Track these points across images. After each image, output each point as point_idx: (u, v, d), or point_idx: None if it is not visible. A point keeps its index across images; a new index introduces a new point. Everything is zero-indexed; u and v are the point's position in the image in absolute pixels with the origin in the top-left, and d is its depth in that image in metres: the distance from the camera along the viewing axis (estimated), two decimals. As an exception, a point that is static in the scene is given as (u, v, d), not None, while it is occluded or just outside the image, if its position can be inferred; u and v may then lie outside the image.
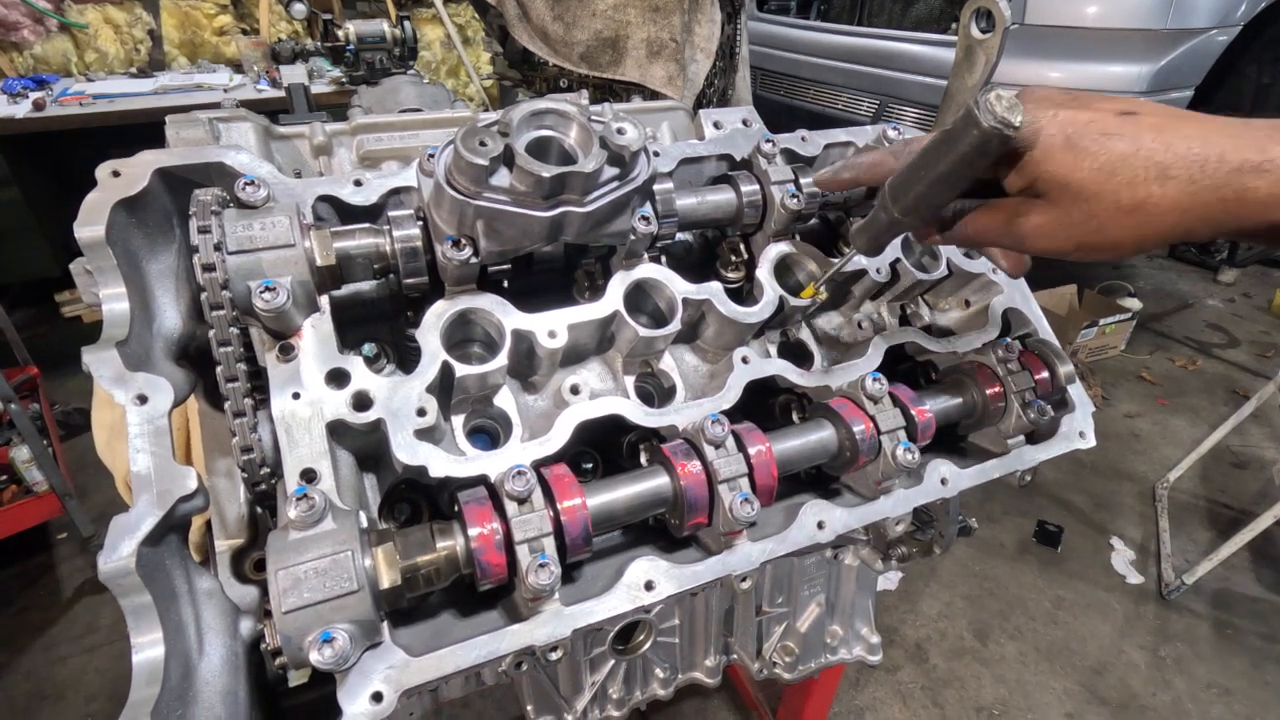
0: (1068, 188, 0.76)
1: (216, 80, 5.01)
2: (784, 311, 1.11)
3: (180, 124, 1.51)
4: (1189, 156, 0.69)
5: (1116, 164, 0.72)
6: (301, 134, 1.71)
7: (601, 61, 3.62)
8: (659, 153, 1.14)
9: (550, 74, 3.91)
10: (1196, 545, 3.81)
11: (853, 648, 1.96)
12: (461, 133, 0.82)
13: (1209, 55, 4.01)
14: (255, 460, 0.82)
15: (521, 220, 0.86)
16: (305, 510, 0.73)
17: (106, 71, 5.27)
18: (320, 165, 1.76)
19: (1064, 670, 3.23)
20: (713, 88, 3.82)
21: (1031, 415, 1.07)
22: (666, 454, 0.91)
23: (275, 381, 0.84)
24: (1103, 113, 0.75)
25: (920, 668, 3.26)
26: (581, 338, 1.03)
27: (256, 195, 0.85)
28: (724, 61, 3.77)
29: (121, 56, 5.41)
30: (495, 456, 0.88)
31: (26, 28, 5.03)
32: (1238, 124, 0.70)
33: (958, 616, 3.47)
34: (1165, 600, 3.52)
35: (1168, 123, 0.72)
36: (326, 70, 4.98)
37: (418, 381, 0.89)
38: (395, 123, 1.76)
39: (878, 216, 0.93)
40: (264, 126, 1.65)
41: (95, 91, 4.53)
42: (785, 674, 1.88)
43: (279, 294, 0.80)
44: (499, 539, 0.80)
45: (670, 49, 3.52)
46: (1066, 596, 3.57)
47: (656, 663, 1.77)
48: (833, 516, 0.98)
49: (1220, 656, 3.29)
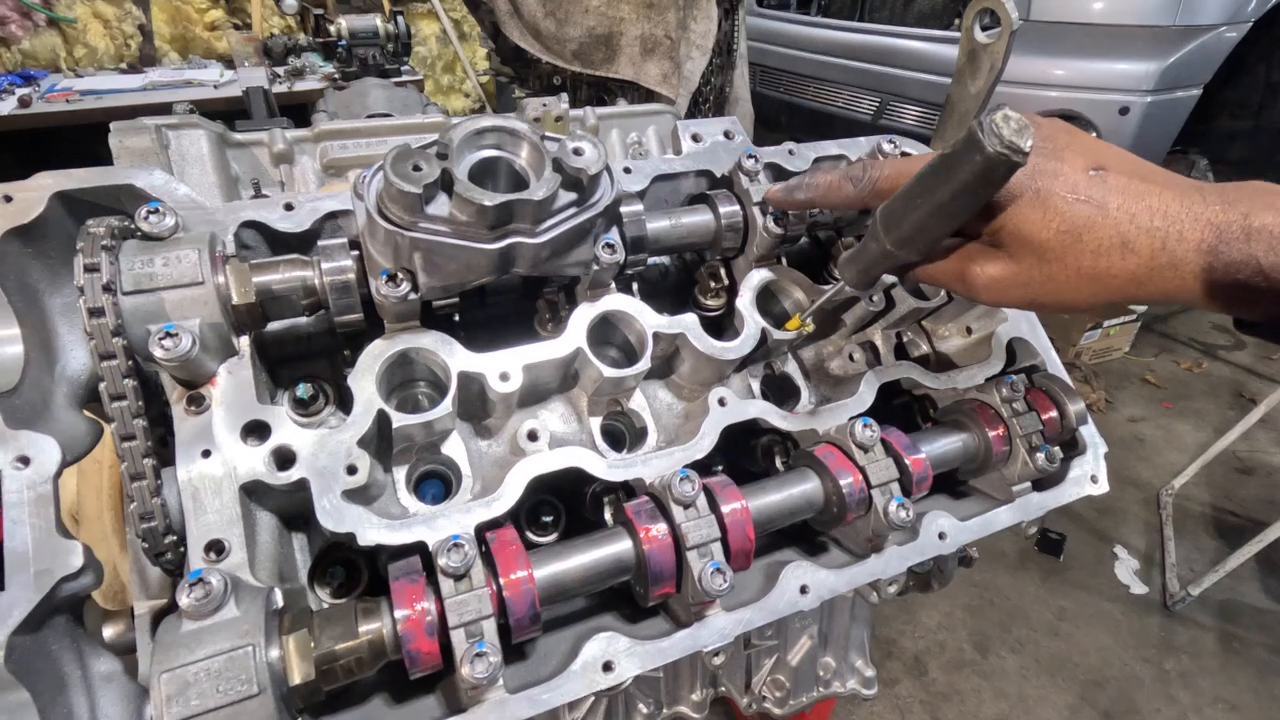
0: (1030, 245, 0.74)
1: (207, 76, 4.89)
2: (767, 345, 1.01)
3: (125, 131, 1.41)
4: (1151, 230, 0.69)
5: (1082, 229, 0.71)
6: (260, 141, 1.61)
7: (595, 59, 3.52)
8: (630, 169, 1.03)
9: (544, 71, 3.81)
10: (1202, 554, 3.72)
11: (846, 680, 1.87)
12: (392, 155, 0.71)
13: (1218, 52, 3.89)
14: (158, 529, 0.72)
15: (464, 253, 0.76)
16: (200, 598, 0.63)
17: (96, 67, 5.16)
18: (281, 174, 1.65)
19: (1066, 684, 3.15)
20: (709, 85, 3.71)
21: (1039, 461, 0.97)
22: (629, 515, 0.81)
23: (182, 438, 0.74)
24: (1073, 168, 0.74)
25: (919, 681, 3.18)
26: (542, 376, 0.93)
27: (161, 225, 0.75)
28: (721, 58, 3.65)
29: (111, 52, 5.30)
30: (432, 523, 0.78)
31: (14, 23, 4.91)
32: (1197, 193, 0.70)
33: (957, 628, 3.39)
34: (1170, 611, 3.44)
35: (1133, 186, 0.72)
36: (319, 66, 4.87)
37: (348, 434, 0.79)
38: (362, 129, 1.66)
39: (868, 247, 0.83)
40: (218, 134, 1.55)
41: (83, 88, 4.42)
42: (775, 709, 1.79)
43: (181, 340, 0.70)
44: (431, 621, 0.69)
45: (665, 46, 3.41)
46: (1069, 607, 3.49)
47: (640, 697, 1.67)
48: (818, 579, 0.88)
49: (1226, 670, 3.21)
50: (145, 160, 1.40)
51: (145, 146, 1.40)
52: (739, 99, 3.87)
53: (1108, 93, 3.76)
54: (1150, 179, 0.73)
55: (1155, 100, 3.74)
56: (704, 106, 3.72)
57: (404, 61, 5.64)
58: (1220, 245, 0.66)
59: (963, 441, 1.00)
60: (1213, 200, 0.68)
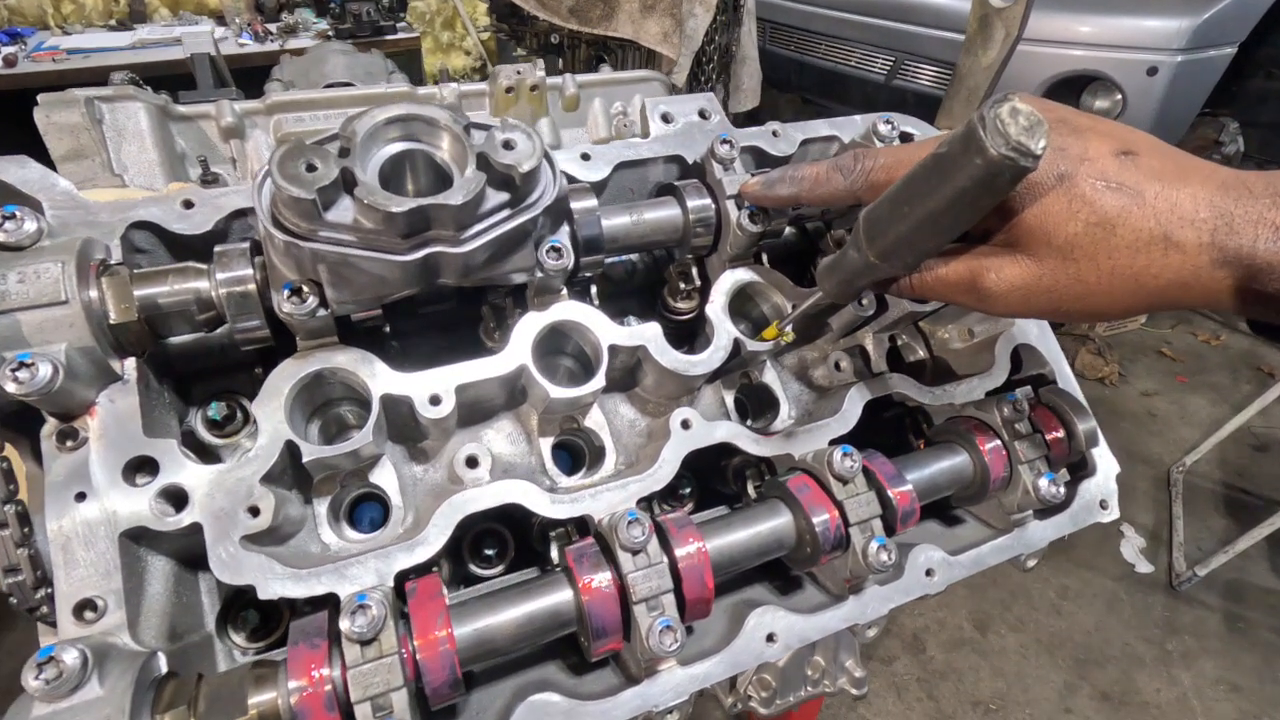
0: (1053, 242, 0.62)
1: (198, 33, 4.74)
2: (741, 355, 0.90)
3: (52, 106, 1.29)
4: (1197, 222, 0.58)
5: (1116, 220, 0.59)
6: (207, 114, 1.48)
7: (592, 16, 3.34)
8: (589, 155, 0.91)
9: (541, 29, 3.63)
10: (1211, 533, 3.64)
11: (836, 680, 1.80)
12: (280, 153, 0.60)
13: (1256, 8, 3.65)
14: (25, 583, 0.63)
15: (375, 265, 0.65)
16: (51, 679, 0.54)
17: (84, 24, 5.01)
18: (233, 150, 1.53)
19: (1065, 663, 3.12)
20: (714, 44, 3.50)
21: (1043, 491, 0.86)
22: (570, 563, 0.71)
23: (52, 479, 0.64)
24: (1099, 151, 0.62)
25: (917, 659, 3.16)
26: (483, 394, 0.83)
27: (19, 232, 0.64)
28: (727, 14, 3.44)
29: (100, 8, 5.12)
30: (345, 572, 0.68)
31: (1, -23, 4.74)
32: (1241, 184, 0.59)
33: (958, 606, 3.35)
34: (1175, 591, 3.39)
35: (1169, 169, 0.61)
36: (312, 23, 4.69)
37: (249, 470, 0.69)
38: (318, 99, 1.52)
39: (848, 256, 0.71)
40: (159, 106, 1.42)
41: (70, 46, 4.30)
42: (761, 709, 1.73)
43: (38, 370, 0.60)
44: (329, 693, 0.60)
45: (666, 2, 3.22)
46: (1072, 586, 3.44)
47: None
48: (787, 626, 0.78)
49: (1230, 652, 3.17)
50: (76, 138, 1.29)
51: (75, 122, 1.29)
52: (746, 58, 3.67)
53: (1135, 51, 3.53)
54: (1187, 166, 0.62)
55: (1186, 60, 3.50)
56: (708, 67, 3.53)
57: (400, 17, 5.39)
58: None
59: (957, 466, 0.89)
60: (1261, 192, 0.57)
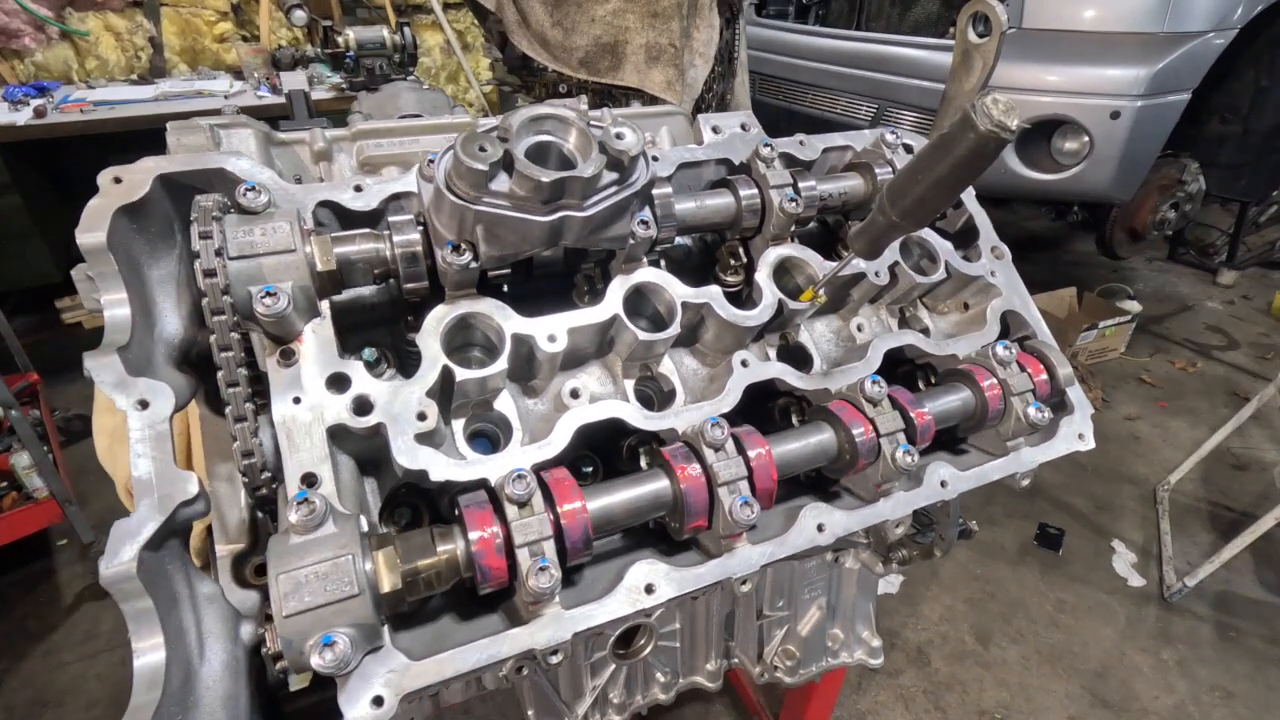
0: None
1: (217, 87, 5.02)
2: (783, 315, 1.11)
3: (181, 130, 1.52)
4: None
5: None
6: (302, 140, 1.72)
7: (600, 67, 3.63)
8: (658, 157, 1.14)
9: (549, 80, 3.92)
10: (1198, 547, 3.80)
11: (854, 651, 1.96)
12: (461, 138, 0.82)
13: (1206, 58, 4.01)
14: (256, 465, 0.82)
15: (521, 225, 0.87)
16: (306, 514, 0.73)
17: (107, 78, 5.29)
18: (321, 171, 1.76)
19: (1066, 673, 3.22)
20: (711, 92, 3.83)
21: (1032, 416, 1.07)
22: (666, 457, 0.92)
23: (276, 386, 0.84)
24: None
25: (922, 671, 3.25)
26: (581, 342, 1.04)
27: (258, 201, 0.85)
28: (723, 66, 3.77)
29: (122, 63, 5.43)
30: (495, 460, 0.89)
31: (28, 35, 5.05)
32: None
33: (959, 620, 3.46)
34: (1167, 603, 3.51)
35: None
36: (327, 76, 4.99)
37: (418, 386, 0.89)
38: (395, 128, 1.77)
39: (875, 220, 0.94)
40: (264, 132, 1.66)
41: (96, 98, 4.53)
42: (786, 678, 1.88)
43: (280, 299, 0.81)
44: (499, 542, 0.80)
45: (669, 54, 3.53)
46: (1068, 599, 3.56)
47: (657, 667, 1.76)
48: (832, 519, 0.98)
49: (1223, 659, 3.28)
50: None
51: (200, 143, 1.51)
52: (739, 106, 3.98)
53: (1099, 97, 3.88)
54: None
55: (1146, 104, 3.85)
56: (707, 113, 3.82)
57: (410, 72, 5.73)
58: None
59: (961, 399, 1.11)
60: None
